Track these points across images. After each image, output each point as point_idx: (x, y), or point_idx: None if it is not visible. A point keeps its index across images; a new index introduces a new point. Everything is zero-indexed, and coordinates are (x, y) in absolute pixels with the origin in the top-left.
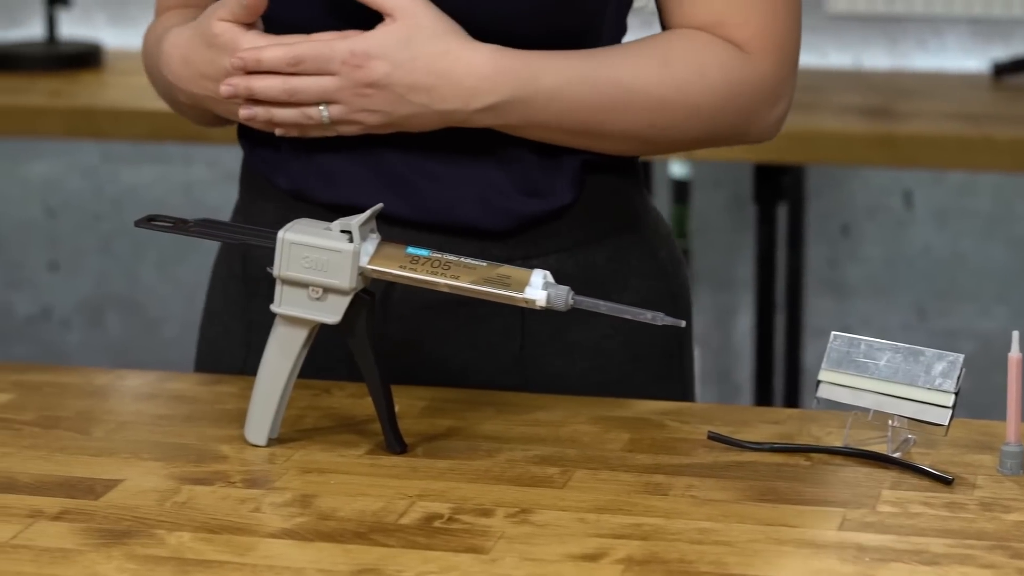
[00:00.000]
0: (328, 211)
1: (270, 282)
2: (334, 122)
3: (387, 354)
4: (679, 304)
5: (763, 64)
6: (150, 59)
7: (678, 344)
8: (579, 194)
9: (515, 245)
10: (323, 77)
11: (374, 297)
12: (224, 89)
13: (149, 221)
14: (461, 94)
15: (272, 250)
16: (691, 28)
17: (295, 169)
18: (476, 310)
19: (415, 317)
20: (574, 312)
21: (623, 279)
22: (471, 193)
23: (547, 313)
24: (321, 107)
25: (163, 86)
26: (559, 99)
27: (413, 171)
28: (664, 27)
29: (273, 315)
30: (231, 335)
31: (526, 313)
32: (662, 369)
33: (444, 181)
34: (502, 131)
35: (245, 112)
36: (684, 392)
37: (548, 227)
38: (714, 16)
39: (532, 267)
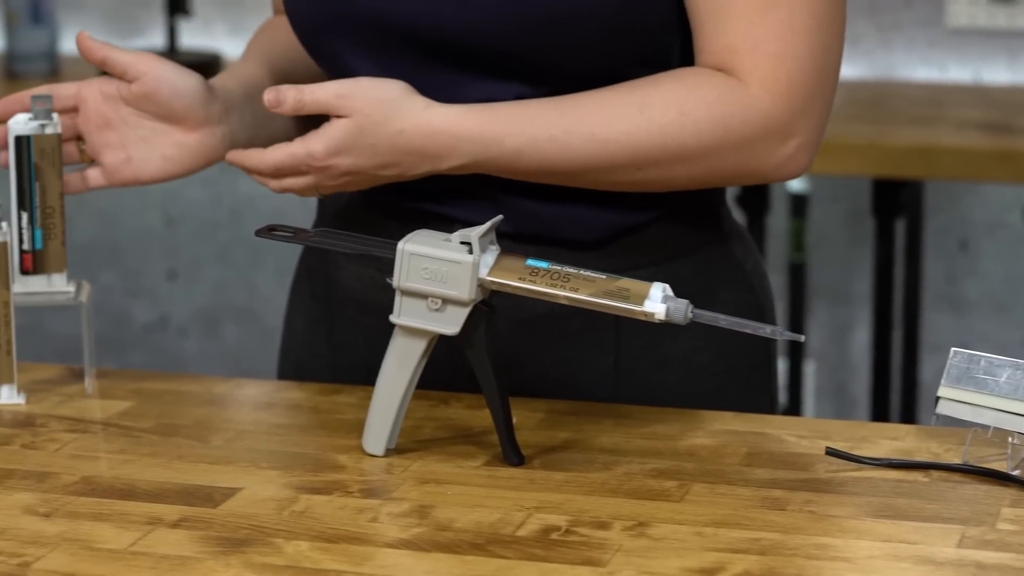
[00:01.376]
0: (416, 222)
1: (355, 304)
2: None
3: None
4: (766, 316)
5: (763, 98)
6: None
7: (767, 356)
8: (668, 207)
9: (605, 258)
10: (304, 176)
11: (493, 308)
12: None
13: (269, 231)
14: (428, 160)
15: (389, 262)
16: (712, 58)
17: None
18: (570, 325)
19: (510, 332)
20: (665, 326)
21: (712, 293)
22: (562, 205)
23: (640, 327)
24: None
25: None
26: (525, 158)
27: (504, 183)
28: (695, 59)
29: (357, 337)
30: (317, 358)
31: (620, 327)
32: (752, 381)
33: (535, 193)
34: None
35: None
36: (771, 404)
37: (637, 240)
38: (729, 40)
39: None
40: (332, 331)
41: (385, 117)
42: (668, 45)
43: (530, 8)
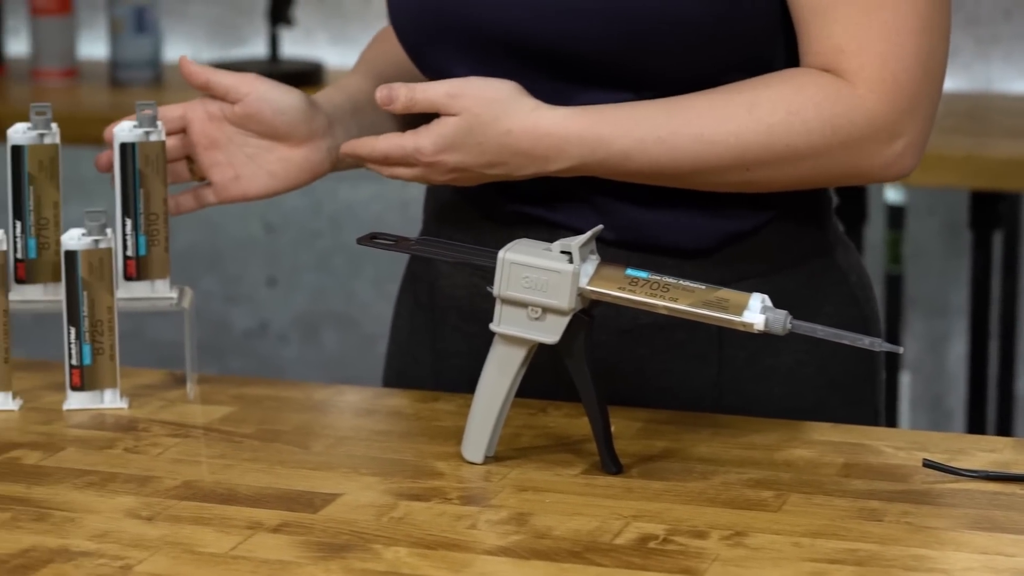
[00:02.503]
0: (517, 226)
1: (459, 311)
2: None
3: None
4: (871, 330)
5: (869, 99)
6: None
7: (871, 370)
8: (775, 214)
9: (711, 267)
10: (412, 168)
11: (592, 318)
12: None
13: (371, 239)
14: (535, 162)
15: (489, 270)
16: (818, 59)
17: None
18: (673, 336)
19: (613, 342)
20: (768, 338)
21: (817, 305)
22: (666, 212)
23: (743, 339)
24: None
25: None
26: (633, 160)
27: (609, 189)
28: (800, 61)
29: (460, 344)
30: (420, 365)
31: (723, 339)
32: (855, 394)
33: (640, 200)
34: None
35: None
36: (875, 418)
37: (743, 250)
38: (834, 42)
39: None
40: (435, 338)
41: (494, 117)
42: (770, 49)
43: (633, 16)
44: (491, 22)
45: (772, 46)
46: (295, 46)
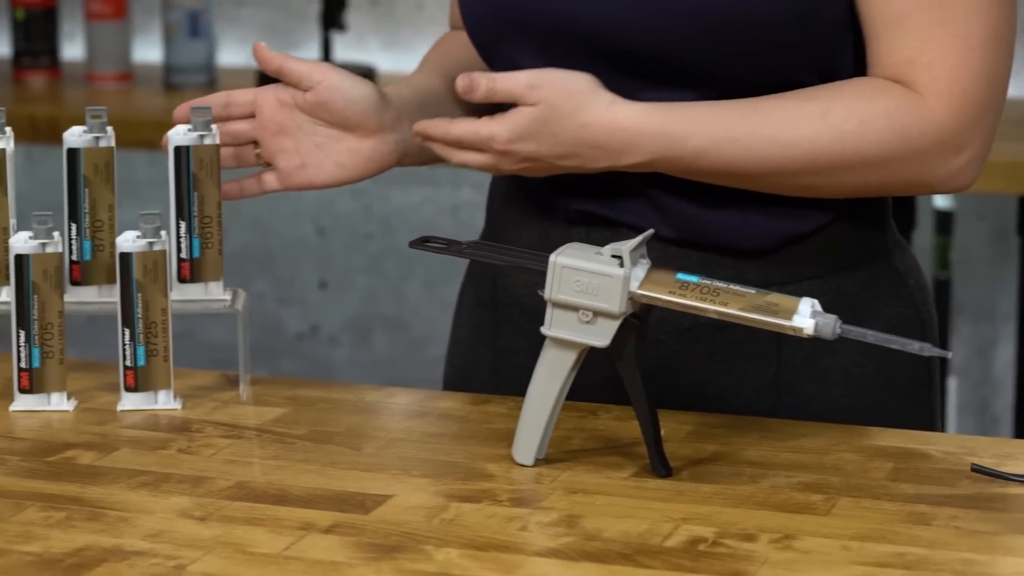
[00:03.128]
0: (578, 223)
1: (521, 309)
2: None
3: (647, 378)
4: (928, 333)
5: (939, 111)
6: None
7: (928, 372)
8: (835, 216)
9: (770, 268)
10: (484, 154)
11: (643, 321)
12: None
13: (423, 242)
14: (608, 155)
15: (541, 273)
16: (888, 70)
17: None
18: (732, 335)
19: (672, 342)
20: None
21: (875, 307)
22: (727, 211)
23: (802, 339)
24: None
25: None
26: (706, 158)
27: (671, 187)
28: (868, 70)
29: (521, 343)
30: (480, 363)
31: (781, 339)
32: (912, 396)
33: (701, 198)
34: None
35: None
36: (932, 420)
37: (802, 251)
38: (906, 54)
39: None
40: (497, 335)
41: (571, 109)
42: (839, 57)
43: (711, 16)
44: (565, 20)
45: (842, 54)
46: (347, 51)
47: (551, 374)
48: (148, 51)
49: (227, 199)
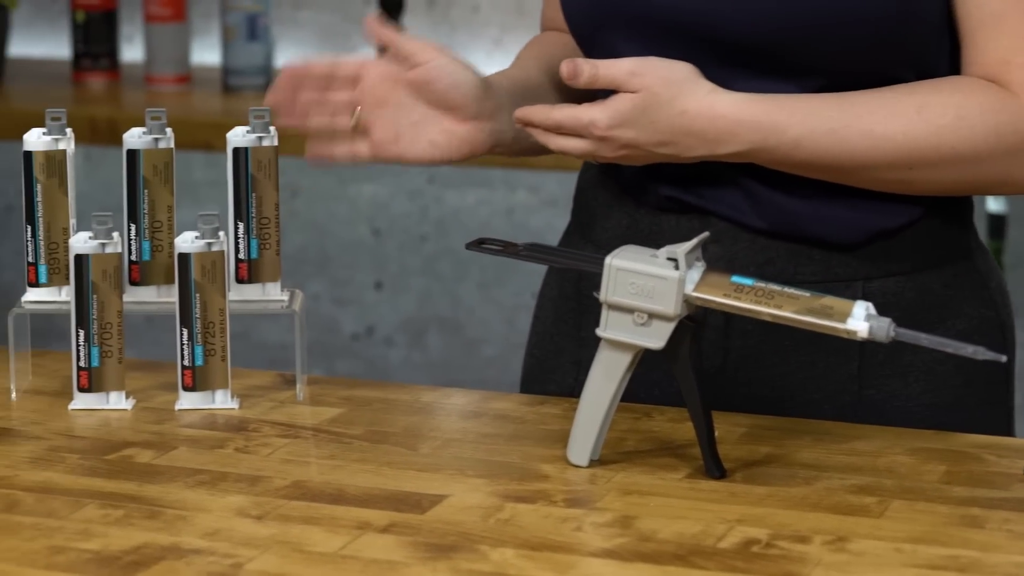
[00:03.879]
0: (669, 211)
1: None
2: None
3: (727, 370)
4: (1007, 335)
5: None
6: None
7: (1007, 372)
8: (923, 212)
9: (857, 263)
10: (582, 140)
11: (697, 323)
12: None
13: (479, 244)
14: (705, 144)
15: (596, 275)
16: (982, 69)
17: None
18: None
19: (758, 332)
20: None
21: (957, 306)
22: (818, 203)
23: None
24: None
25: None
26: (803, 149)
27: (765, 177)
28: (963, 70)
29: None
30: (562, 354)
31: None
32: (991, 395)
33: (792, 190)
34: None
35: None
36: (1008, 419)
37: (890, 246)
38: (1001, 54)
39: (872, 290)
40: (580, 327)
41: (671, 97)
42: (936, 56)
43: (809, 7)
44: (668, 8)
45: (938, 54)
46: None
47: (606, 376)
48: (206, 53)
49: (314, 161)
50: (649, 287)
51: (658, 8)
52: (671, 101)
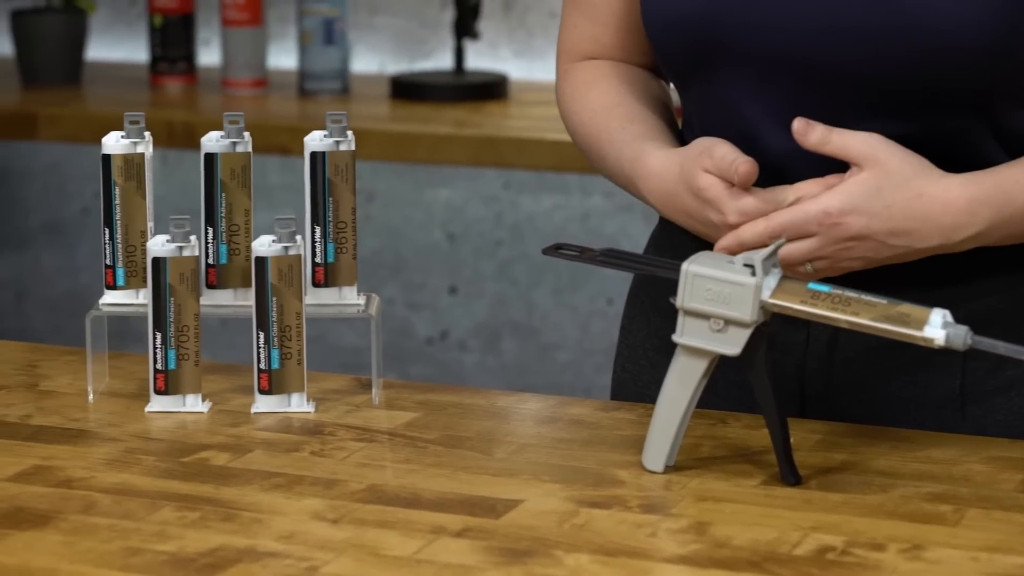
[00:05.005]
0: None
1: None
2: (817, 271)
3: (830, 397)
4: None
5: None
6: (586, 137)
7: None
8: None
9: (955, 291)
10: (805, 240)
11: (774, 330)
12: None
13: (556, 249)
14: (942, 231)
15: (673, 282)
16: None
17: None
18: (919, 350)
19: (861, 359)
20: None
21: None
22: None
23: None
24: (807, 265)
25: (613, 176)
26: None
27: None
28: None
29: None
30: (656, 367)
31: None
32: None
33: None
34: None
35: None
36: None
37: (988, 272)
38: None
39: (974, 310)
40: (667, 334)
41: (905, 179)
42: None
43: (922, 37)
44: (767, 45)
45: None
46: (480, 59)
47: (682, 382)
48: (283, 58)
49: None
50: (726, 293)
51: (761, 45)
52: (905, 183)
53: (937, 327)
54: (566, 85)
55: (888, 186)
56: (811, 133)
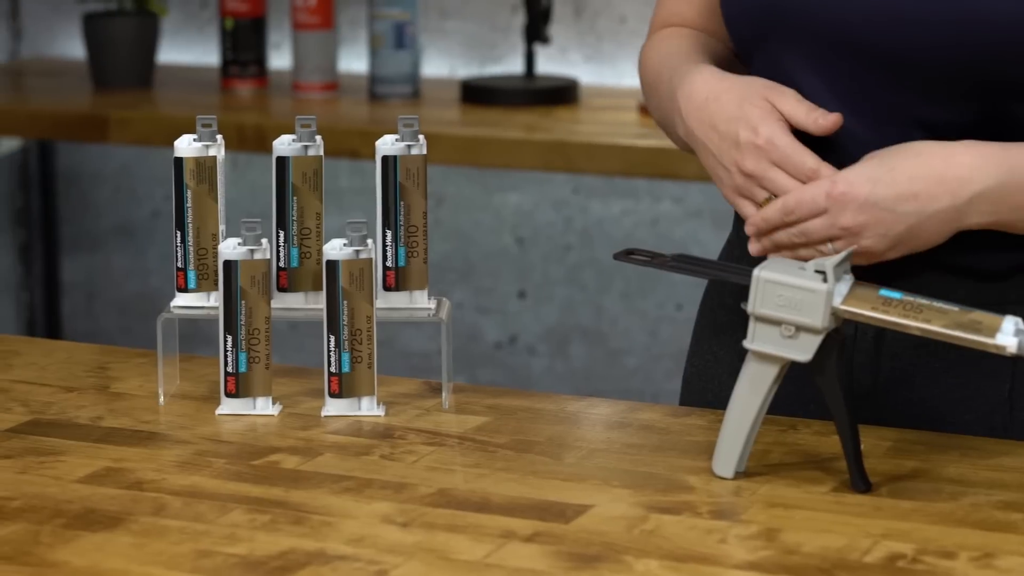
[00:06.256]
0: None
1: None
2: (837, 250)
3: (877, 393)
4: None
5: None
6: (651, 76)
7: None
8: None
9: (1006, 288)
10: (820, 217)
11: (844, 337)
12: (753, 248)
13: (627, 254)
14: (948, 188)
15: (745, 287)
16: None
17: None
18: (967, 351)
19: (908, 356)
20: None
21: None
22: (969, 232)
23: None
24: (828, 244)
25: (662, 111)
26: None
27: None
28: None
29: None
30: (720, 363)
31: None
32: None
33: None
34: (998, 229)
35: (758, 249)
36: None
37: None
38: None
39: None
40: (738, 339)
41: (906, 145)
42: None
43: (986, 23)
44: (831, 23)
45: None
46: (550, 63)
47: (752, 388)
48: (354, 61)
49: None
50: (797, 299)
51: (821, 22)
52: (908, 147)
53: (1009, 334)
54: (646, 46)
55: (889, 153)
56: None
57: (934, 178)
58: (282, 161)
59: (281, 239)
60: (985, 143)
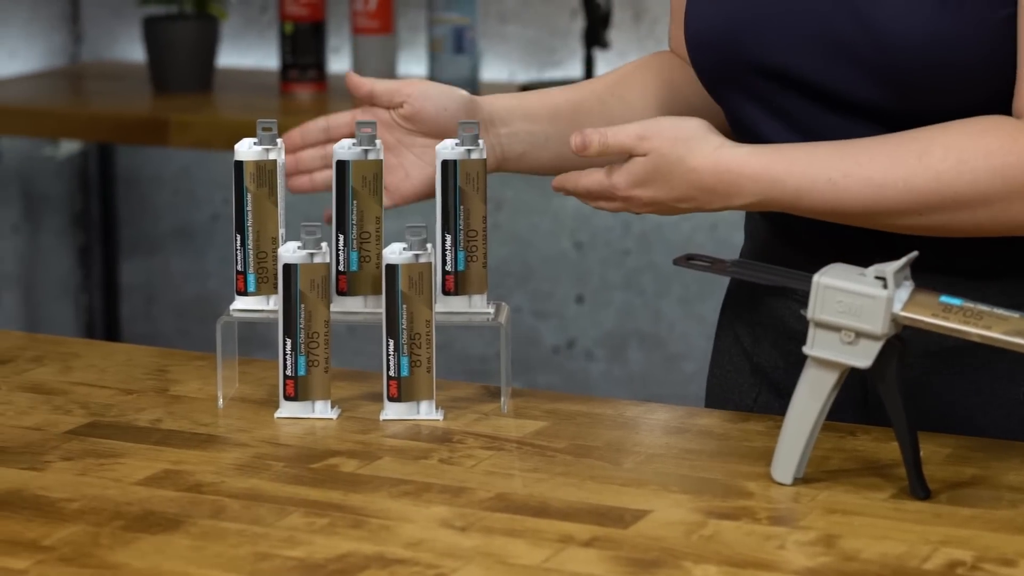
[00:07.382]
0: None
1: (781, 325)
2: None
3: None
4: None
5: None
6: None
7: None
8: None
9: (985, 288)
10: (612, 202)
11: (905, 343)
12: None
13: (687, 259)
14: (719, 198)
15: (804, 293)
16: (1019, 109)
17: None
18: (981, 357)
19: (920, 364)
20: None
21: None
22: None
23: None
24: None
25: None
26: (806, 199)
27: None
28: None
29: (778, 359)
30: (740, 372)
31: None
32: None
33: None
34: None
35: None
36: None
37: None
38: None
39: None
40: (755, 351)
41: (679, 157)
42: (1009, 90)
43: (901, 64)
44: (783, 69)
45: (1009, 87)
46: (609, 68)
47: (811, 394)
48: (413, 66)
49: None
50: (857, 305)
51: (775, 67)
52: (680, 160)
53: None
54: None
55: (664, 165)
56: (589, 145)
57: (706, 190)
58: (342, 165)
59: (341, 243)
60: (755, 154)
